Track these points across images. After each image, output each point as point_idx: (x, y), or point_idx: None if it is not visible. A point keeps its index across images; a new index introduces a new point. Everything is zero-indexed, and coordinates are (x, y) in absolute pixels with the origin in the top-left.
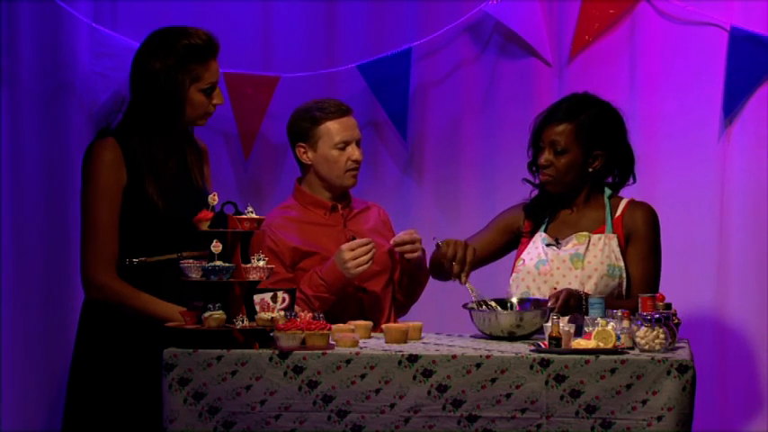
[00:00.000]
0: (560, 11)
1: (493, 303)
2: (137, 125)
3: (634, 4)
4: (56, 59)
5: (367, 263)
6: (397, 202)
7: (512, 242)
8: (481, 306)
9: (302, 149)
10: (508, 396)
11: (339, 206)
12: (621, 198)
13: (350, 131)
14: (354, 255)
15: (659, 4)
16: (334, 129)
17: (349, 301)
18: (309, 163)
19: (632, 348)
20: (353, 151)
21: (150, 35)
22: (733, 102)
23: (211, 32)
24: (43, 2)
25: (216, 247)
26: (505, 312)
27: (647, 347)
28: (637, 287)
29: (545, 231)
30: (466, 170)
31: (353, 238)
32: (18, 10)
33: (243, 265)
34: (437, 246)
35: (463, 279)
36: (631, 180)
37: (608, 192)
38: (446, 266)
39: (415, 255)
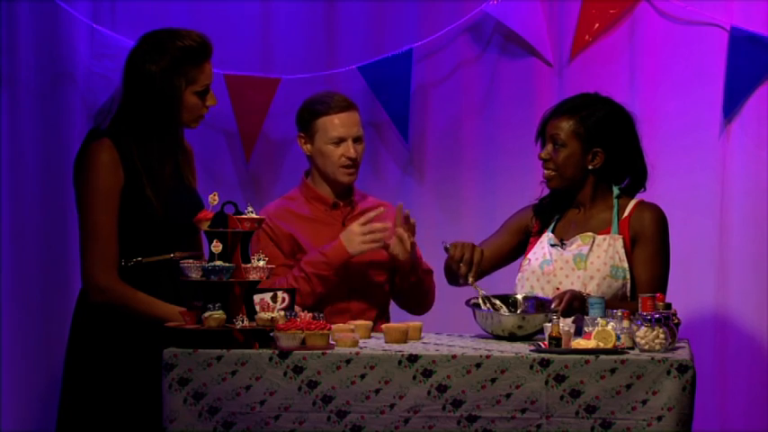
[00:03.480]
0: (560, 11)
1: (497, 302)
2: (131, 127)
3: (634, 4)
4: (55, 59)
5: (376, 242)
6: (399, 203)
7: (524, 243)
8: (486, 303)
9: (302, 140)
10: (508, 396)
11: (341, 204)
12: (630, 199)
13: (346, 128)
14: (365, 230)
15: (659, 4)
16: (330, 124)
17: (335, 307)
18: (309, 154)
19: (632, 348)
20: (348, 148)
21: (143, 37)
22: (733, 102)
23: (204, 34)
24: (42, 2)
25: (216, 247)
26: (508, 314)
27: (647, 347)
28: (642, 289)
29: (552, 231)
30: (467, 170)
31: None
32: (17, 10)
33: (243, 265)
34: (445, 249)
35: (470, 280)
36: (642, 189)
37: (616, 191)
38: (454, 268)
39: (398, 251)
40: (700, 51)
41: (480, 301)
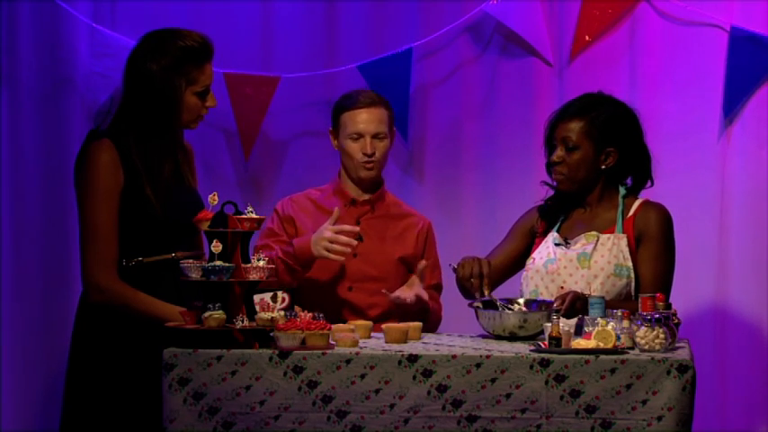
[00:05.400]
0: (561, 11)
1: (500, 303)
2: (131, 127)
3: (634, 4)
4: (55, 59)
5: (336, 254)
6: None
7: (533, 245)
8: (489, 304)
9: (332, 135)
10: (508, 396)
11: (358, 201)
12: (636, 198)
13: (364, 124)
14: (331, 238)
15: (659, 5)
16: (350, 119)
17: (334, 298)
18: (336, 149)
19: (632, 348)
20: (365, 144)
21: (144, 37)
22: (733, 102)
23: (206, 35)
24: (43, 1)
25: (216, 247)
26: (510, 313)
27: (647, 347)
28: (647, 288)
29: (558, 231)
30: (467, 170)
31: (360, 238)
32: (18, 10)
33: (243, 265)
34: (454, 270)
35: (486, 292)
36: (649, 183)
37: (623, 191)
38: (466, 286)
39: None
40: (700, 51)
41: (501, 310)
